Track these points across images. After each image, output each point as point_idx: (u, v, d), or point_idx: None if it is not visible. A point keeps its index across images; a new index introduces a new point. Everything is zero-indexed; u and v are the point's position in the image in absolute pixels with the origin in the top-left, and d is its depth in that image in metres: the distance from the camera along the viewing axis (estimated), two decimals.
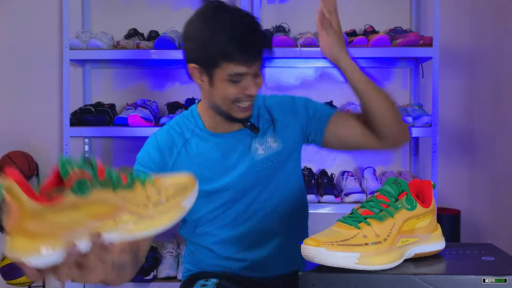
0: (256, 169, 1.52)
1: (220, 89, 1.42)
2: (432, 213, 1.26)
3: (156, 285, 2.87)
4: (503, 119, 3.22)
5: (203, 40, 1.39)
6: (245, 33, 1.39)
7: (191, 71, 1.46)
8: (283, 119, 1.58)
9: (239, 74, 1.40)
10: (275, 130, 1.56)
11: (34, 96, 3.20)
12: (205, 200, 1.50)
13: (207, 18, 1.40)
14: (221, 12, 1.40)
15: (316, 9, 1.41)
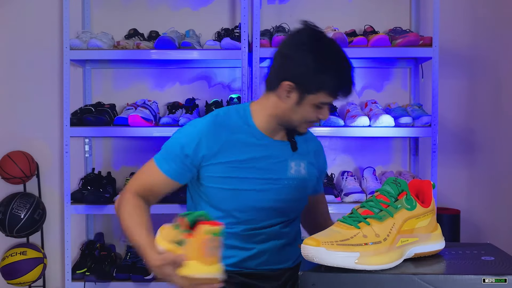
0: (284, 182, 1.67)
1: (303, 110, 1.58)
2: (432, 213, 1.27)
3: (156, 285, 2.87)
4: (503, 119, 3.22)
5: (313, 69, 1.52)
6: (350, 74, 1.58)
7: (282, 86, 1.56)
8: (315, 161, 1.78)
9: (326, 103, 1.58)
10: (309, 160, 1.74)
11: (34, 96, 3.20)
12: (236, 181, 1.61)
13: (319, 45, 1.56)
14: (330, 46, 1.58)
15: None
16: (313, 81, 1.53)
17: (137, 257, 2.97)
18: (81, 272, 2.89)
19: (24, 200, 2.99)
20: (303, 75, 1.53)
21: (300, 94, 1.55)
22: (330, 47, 1.58)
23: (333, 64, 1.55)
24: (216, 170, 1.61)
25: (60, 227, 3.20)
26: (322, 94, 1.55)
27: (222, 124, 1.64)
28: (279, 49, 1.62)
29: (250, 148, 1.64)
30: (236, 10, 3.19)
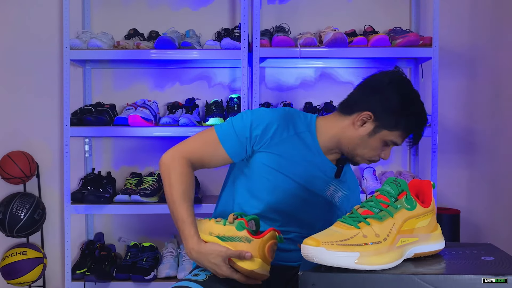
0: (319, 199, 1.71)
1: (373, 143, 1.64)
2: (432, 213, 1.27)
3: (156, 285, 2.87)
4: (503, 119, 3.22)
5: (397, 114, 1.61)
6: (424, 125, 1.71)
7: (361, 115, 1.62)
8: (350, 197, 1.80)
9: (393, 143, 1.65)
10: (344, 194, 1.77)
11: (35, 96, 3.20)
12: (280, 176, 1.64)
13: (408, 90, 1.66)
14: (416, 93, 1.69)
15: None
16: (393, 119, 1.61)
17: (137, 257, 2.97)
18: (81, 272, 2.89)
19: (24, 200, 2.99)
20: (386, 110, 1.61)
21: (375, 127, 1.62)
22: (416, 94, 1.68)
23: (415, 110, 1.66)
24: (269, 159, 1.64)
25: (60, 227, 3.20)
26: (396, 133, 1.62)
27: (291, 119, 1.68)
28: (368, 80, 1.69)
29: (304, 154, 1.67)
30: (236, 10, 3.19)
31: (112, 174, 3.14)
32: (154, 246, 3.04)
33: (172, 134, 2.81)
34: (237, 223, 1.48)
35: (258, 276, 1.48)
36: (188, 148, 1.63)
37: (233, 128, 1.64)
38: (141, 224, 3.21)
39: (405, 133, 1.64)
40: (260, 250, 1.48)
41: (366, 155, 1.66)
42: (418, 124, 1.67)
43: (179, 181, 1.57)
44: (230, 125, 1.65)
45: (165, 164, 1.61)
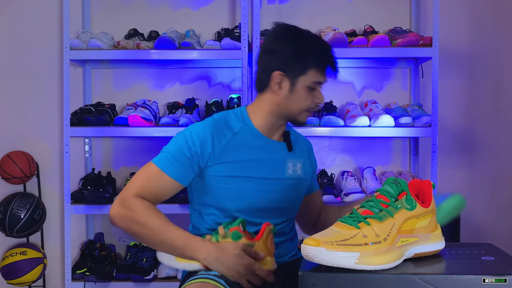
0: (283, 182, 1.71)
1: (299, 96, 1.64)
2: (432, 213, 1.27)
3: (156, 285, 2.87)
4: (503, 119, 3.22)
5: (297, 52, 1.62)
6: (329, 48, 1.68)
7: (273, 77, 1.65)
8: (308, 160, 1.84)
9: (318, 83, 1.66)
10: (305, 160, 1.80)
11: (35, 96, 3.20)
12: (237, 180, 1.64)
13: (297, 34, 1.65)
14: (305, 31, 1.67)
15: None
16: (299, 63, 1.62)
17: (137, 257, 2.97)
18: (81, 272, 2.89)
19: (24, 200, 2.99)
20: (289, 61, 1.62)
21: (291, 80, 1.64)
22: (305, 32, 1.67)
23: (313, 44, 1.65)
24: (220, 170, 1.63)
25: (60, 227, 3.20)
26: (311, 73, 1.63)
27: (223, 125, 1.68)
28: (261, 50, 1.72)
29: (251, 149, 1.67)
30: (236, 10, 3.19)
31: (112, 174, 3.14)
32: None
33: (172, 134, 2.76)
34: (232, 234, 1.48)
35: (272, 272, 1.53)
36: (134, 188, 1.57)
37: (170, 154, 1.60)
38: None
39: (318, 67, 1.64)
40: (264, 248, 1.51)
41: (302, 108, 1.67)
42: (323, 51, 1.66)
43: (148, 215, 1.52)
44: (166, 152, 1.61)
45: (118, 214, 1.55)
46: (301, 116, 1.69)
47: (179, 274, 2.86)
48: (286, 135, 1.75)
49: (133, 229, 1.54)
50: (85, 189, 2.92)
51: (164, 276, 2.89)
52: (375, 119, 2.80)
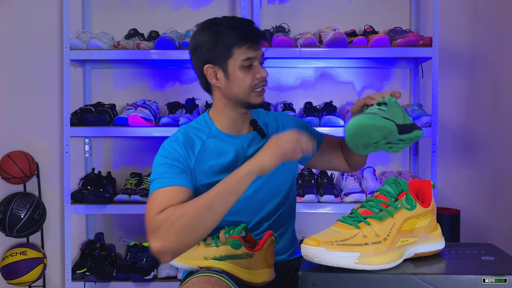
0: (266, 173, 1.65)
1: (236, 79, 1.61)
2: (432, 213, 1.27)
3: (156, 285, 2.87)
4: (503, 119, 3.22)
5: (214, 38, 1.60)
6: (247, 23, 1.65)
7: (206, 72, 1.64)
8: (287, 128, 1.75)
9: (249, 59, 1.60)
10: None
11: (35, 96, 3.20)
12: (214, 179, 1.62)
13: (211, 23, 1.63)
14: (218, 18, 1.65)
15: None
16: (220, 47, 1.60)
17: (137, 257, 2.97)
18: (81, 272, 2.89)
19: (24, 200, 2.99)
20: (211, 50, 1.61)
21: (222, 67, 1.61)
22: (218, 18, 1.65)
23: (226, 24, 1.61)
24: (199, 180, 1.62)
25: (60, 227, 3.20)
26: (237, 52, 1.60)
27: (192, 134, 1.67)
28: (189, 54, 1.69)
29: (223, 152, 1.66)
30: (236, 10, 3.19)
31: (112, 174, 3.14)
32: None
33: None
34: (232, 242, 1.47)
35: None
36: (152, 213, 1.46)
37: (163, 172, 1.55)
38: (141, 224, 3.18)
39: (240, 44, 1.59)
40: (263, 260, 1.50)
41: (246, 89, 1.62)
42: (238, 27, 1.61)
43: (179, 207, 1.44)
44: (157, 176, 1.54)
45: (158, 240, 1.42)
46: (251, 97, 1.63)
47: (179, 274, 2.86)
48: (254, 124, 1.71)
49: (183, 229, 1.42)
50: (85, 189, 2.92)
51: (164, 276, 2.89)
52: None
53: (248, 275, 1.50)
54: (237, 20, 1.66)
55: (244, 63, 1.60)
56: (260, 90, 1.65)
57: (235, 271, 1.50)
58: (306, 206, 2.77)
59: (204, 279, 1.40)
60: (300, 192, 2.79)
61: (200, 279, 1.40)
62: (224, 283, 1.40)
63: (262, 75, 1.63)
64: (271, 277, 1.54)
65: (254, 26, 1.65)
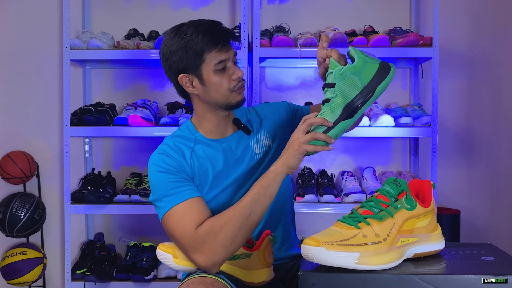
0: (259, 164, 1.68)
1: (212, 84, 1.59)
2: (432, 213, 1.27)
3: (156, 285, 2.87)
4: (503, 119, 3.22)
5: (182, 46, 1.57)
6: (214, 24, 1.59)
7: (181, 82, 1.62)
8: (270, 118, 1.76)
9: (222, 61, 1.57)
10: (264, 128, 1.74)
11: (34, 96, 3.20)
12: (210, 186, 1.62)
13: (177, 30, 1.60)
14: (185, 24, 1.61)
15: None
16: (190, 54, 1.57)
17: (137, 257, 2.97)
18: (81, 272, 2.89)
19: (24, 200, 2.99)
20: (181, 59, 1.58)
21: (196, 74, 1.59)
22: (184, 24, 1.61)
23: (191, 30, 1.57)
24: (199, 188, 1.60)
25: (60, 227, 3.20)
26: (208, 57, 1.57)
27: (178, 144, 1.64)
28: (162, 65, 1.70)
29: (212, 156, 1.64)
30: (236, 10, 3.19)
31: (112, 174, 3.14)
32: (154, 246, 3.04)
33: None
34: None
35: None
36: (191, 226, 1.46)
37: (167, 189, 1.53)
38: (141, 224, 3.21)
39: (210, 47, 1.56)
40: (261, 260, 1.50)
41: (225, 92, 1.59)
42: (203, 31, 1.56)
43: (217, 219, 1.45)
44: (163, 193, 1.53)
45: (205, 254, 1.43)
46: (231, 98, 1.61)
47: (179, 274, 2.86)
48: (237, 123, 1.70)
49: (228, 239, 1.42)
50: (85, 189, 2.92)
51: (164, 276, 2.89)
52: (375, 119, 2.80)
53: (247, 275, 1.50)
54: (204, 23, 1.59)
55: (218, 66, 1.57)
56: (238, 89, 1.62)
57: (234, 271, 1.50)
58: (306, 206, 2.77)
59: (199, 280, 1.39)
60: (300, 192, 2.79)
61: (195, 280, 1.40)
62: (220, 284, 1.39)
63: (238, 75, 1.60)
64: (270, 277, 1.54)
65: (222, 27, 1.61)
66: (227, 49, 1.58)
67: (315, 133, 1.38)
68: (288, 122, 1.78)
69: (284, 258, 1.72)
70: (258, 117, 1.77)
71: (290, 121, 1.78)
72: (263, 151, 1.69)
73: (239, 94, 1.62)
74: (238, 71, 1.60)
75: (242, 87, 1.62)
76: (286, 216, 1.78)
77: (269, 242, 1.52)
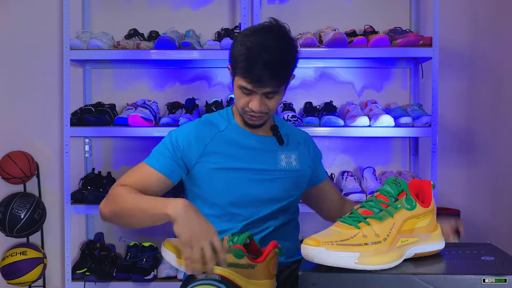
0: (275, 173, 1.71)
1: (235, 93, 1.65)
2: (432, 213, 1.27)
3: (156, 285, 2.87)
4: (503, 119, 3.22)
5: (235, 50, 1.62)
6: (255, 58, 1.55)
7: (229, 68, 1.69)
8: (306, 151, 1.82)
9: (245, 88, 1.60)
10: (298, 151, 1.78)
11: (35, 96, 3.20)
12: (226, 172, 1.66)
13: (246, 34, 1.62)
14: (256, 34, 1.59)
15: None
16: (235, 63, 1.62)
17: (137, 257, 2.97)
18: (81, 272, 2.89)
19: (24, 200, 2.99)
20: (231, 58, 1.64)
21: (233, 75, 1.66)
22: (253, 37, 1.58)
23: (246, 51, 1.57)
24: (206, 165, 1.65)
25: (60, 227, 3.20)
26: (239, 76, 1.60)
27: (208, 124, 1.72)
28: None
29: (237, 143, 1.69)
30: (236, 10, 3.19)
31: (112, 174, 3.14)
32: (154, 246, 3.04)
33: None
34: (235, 252, 1.46)
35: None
36: (120, 181, 1.64)
37: (156, 151, 1.68)
38: None
39: (241, 75, 1.59)
40: (265, 272, 1.48)
41: (239, 107, 1.65)
42: (243, 60, 1.57)
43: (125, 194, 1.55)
44: (155, 151, 1.69)
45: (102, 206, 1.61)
46: (245, 116, 1.67)
47: (180, 274, 2.86)
48: (274, 129, 1.74)
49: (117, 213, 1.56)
50: (85, 189, 2.92)
51: (164, 276, 2.89)
52: (375, 119, 2.80)
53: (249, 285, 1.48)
54: (254, 53, 1.55)
55: (241, 88, 1.61)
56: (249, 117, 1.65)
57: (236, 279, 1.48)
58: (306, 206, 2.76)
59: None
60: None
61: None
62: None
63: (252, 108, 1.61)
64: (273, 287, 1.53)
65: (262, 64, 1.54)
66: (255, 85, 1.58)
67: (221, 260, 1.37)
68: (311, 169, 1.82)
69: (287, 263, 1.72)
70: (299, 138, 1.82)
71: (312, 169, 1.82)
72: (289, 167, 1.73)
73: (251, 120, 1.66)
74: (255, 105, 1.60)
75: (254, 116, 1.64)
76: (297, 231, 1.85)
77: (275, 254, 1.50)
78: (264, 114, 1.64)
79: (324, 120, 2.84)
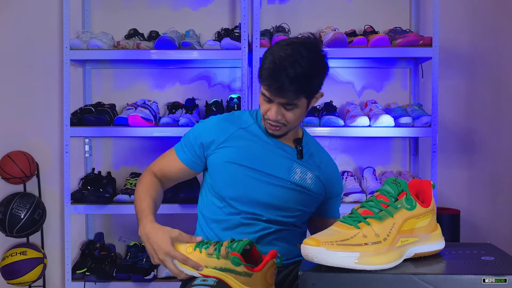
0: (286, 183, 1.71)
1: (259, 99, 1.68)
2: (432, 213, 1.27)
3: (156, 285, 2.87)
4: (503, 119, 3.22)
5: (264, 56, 1.64)
6: (277, 67, 1.57)
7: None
8: (324, 177, 1.78)
9: (265, 95, 1.63)
10: (317, 171, 1.77)
11: (34, 96, 3.20)
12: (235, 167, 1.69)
13: (280, 43, 1.64)
14: (283, 46, 1.60)
15: None
16: (261, 69, 1.64)
17: (137, 257, 2.97)
18: (81, 272, 2.89)
19: (24, 200, 2.99)
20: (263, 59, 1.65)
21: (259, 82, 1.67)
22: (283, 47, 1.61)
23: (271, 58, 1.60)
24: (220, 157, 1.70)
25: (60, 227, 3.20)
26: (261, 82, 1.63)
27: (235, 119, 1.77)
28: None
29: (257, 143, 1.72)
30: (236, 10, 3.19)
31: (112, 174, 3.14)
32: None
33: (172, 134, 2.81)
34: (232, 259, 1.46)
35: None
36: (153, 165, 1.81)
37: (185, 142, 1.78)
38: None
39: (261, 79, 1.61)
40: (262, 281, 1.47)
41: (261, 114, 1.69)
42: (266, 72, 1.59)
43: (143, 188, 1.71)
44: (184, 139, 1.79)
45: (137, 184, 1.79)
46: (264, 123, 1.70)
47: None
48: (297, 142, 1.75)
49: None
50: (85, 189, 2.92)
51: (164, 276, 2.89)
52: (375, 119, 2.80)
53: None
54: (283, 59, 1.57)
55: (263, 96, 1.64)
56: (268, 126, 1.68)
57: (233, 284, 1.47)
58: None
59: None
60: None
61: None
62: None
63: (268, 116, 1.64)
64: None
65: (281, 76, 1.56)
66: (274, 94, 1.59)
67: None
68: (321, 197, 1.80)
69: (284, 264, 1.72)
70: (319, 164, 1.78)
71: (322, 195, 1.80)
72: (302, 182, 1.72)
73: (270, 129, 1.69)
74: (272, 114, 1.63)
75: (271, 125, 1.66)
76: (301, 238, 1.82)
77: (273, 264, 1.49)
78: (281, 125, 1.65)
79: (324, 120, 2.84)
